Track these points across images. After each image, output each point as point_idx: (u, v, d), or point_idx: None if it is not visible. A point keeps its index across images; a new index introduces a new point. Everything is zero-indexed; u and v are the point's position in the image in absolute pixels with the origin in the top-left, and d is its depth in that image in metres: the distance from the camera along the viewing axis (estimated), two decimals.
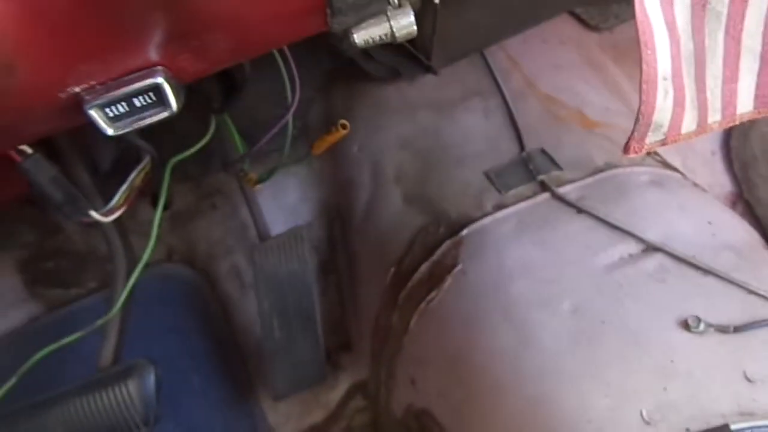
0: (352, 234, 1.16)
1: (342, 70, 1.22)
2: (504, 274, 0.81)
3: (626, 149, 0.50)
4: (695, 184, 0.95)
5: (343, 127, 0.82)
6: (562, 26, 1.24)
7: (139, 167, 0.79)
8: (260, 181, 0.99)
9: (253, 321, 1.22)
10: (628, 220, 0.81)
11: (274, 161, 1.04)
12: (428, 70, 1.12)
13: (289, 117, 0.75)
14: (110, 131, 0.42)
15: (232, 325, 1.23)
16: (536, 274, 0.79)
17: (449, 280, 0.86)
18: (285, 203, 1.27)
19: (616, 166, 0.93)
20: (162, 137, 0.81)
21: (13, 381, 0.75)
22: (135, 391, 0.83)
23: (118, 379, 0.82)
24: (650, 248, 0.77)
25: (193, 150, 0.81)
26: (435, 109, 1.11)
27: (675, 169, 0.98)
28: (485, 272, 0.83)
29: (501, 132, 1.05)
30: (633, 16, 1.32)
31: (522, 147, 1.00)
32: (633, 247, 0.78)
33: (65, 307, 1.19)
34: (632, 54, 1.40)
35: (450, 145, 1.06)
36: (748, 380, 0.63)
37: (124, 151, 0.86)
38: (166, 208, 0.95)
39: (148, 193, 0.97)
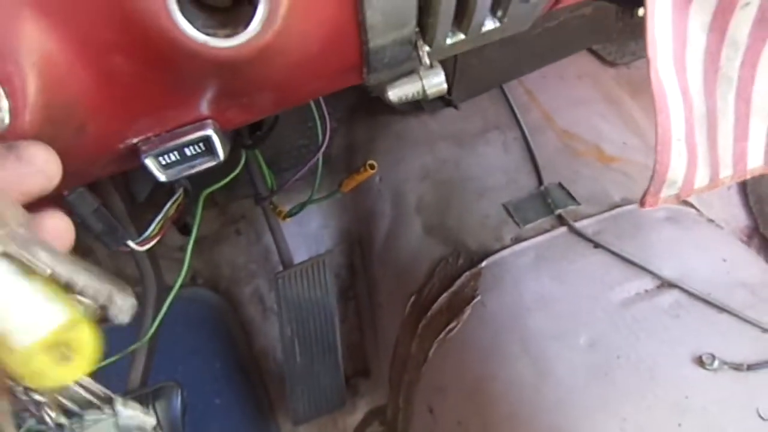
0: (373, 262, 1.19)
1: (364, 102, 1.26)
2: (522, 307, 0.83)
3: (642, 203, 0.53)
4: (710, 220, 0.97)
5: (371, 167, 0.85)
6: (580, 61, 1.27)
7: (173, 198, 0.83)
8: (290, 215, 1.03)
9: (274, 345, 1.25)
10: (644, 255, 0.83)
11: (299, 191, 1.08)
12: (449, 104, 1.16)
13: (320, 156, 0.79)
14: (162, 178, 0.45)
15: (254, 349, 1.26)
16: (554, 308, 0.81)
17: (468, 311, 0.88)
18: (307, 230, 1.30)
19: (632, 202, 0.95)
20: None
21: None
22: (162, 413, 0.87)
23: (146, 401, 0.85)
24: (666, 284, 0.79)
25: (224, 182, 0.85)
26: (456, 142, 1.15)
27: (691, 205, 1.00)
28: (504, 304, 0.85)
29: (519, 165, 1.08)
30: None
31: (540, 181, 1.03)
32: (649, 283, 0.80)
33: None
34: (648, 89, 1.42)
35: (470, 177, 1.09)
36: (761, 418, 0.64)
37: (159, 183, 0.90)
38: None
39: (177, 221, 1.00)
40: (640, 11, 0.49)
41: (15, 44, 0.30)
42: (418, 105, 1.15)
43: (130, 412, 0.33)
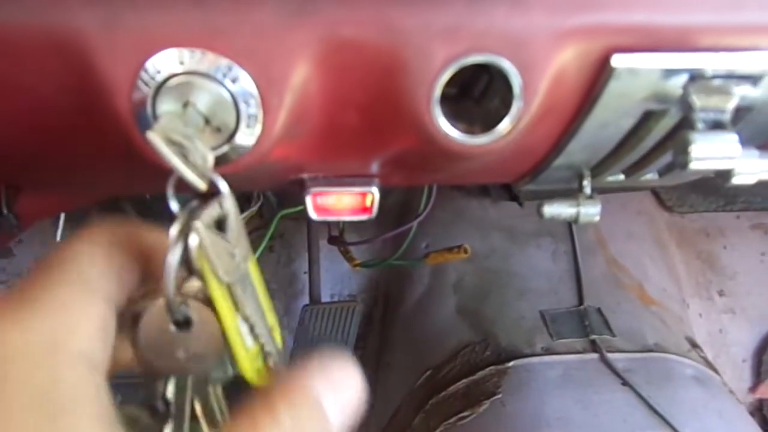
0: (395, 322, 1.20)
1: None
2: (542, 420, 0.84)
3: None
4: (731, 391, 0.99)
5: (465, 251, 0.87)
6: (642, 199, 1.31)
7: (249, 210, 0.85)
8: (365, 266, 1.03)
9: None
10: (668, 408, 0.85)
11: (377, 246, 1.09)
12: (514, 198, 1.19)
13: (414, 224, 0.81)
14: (314, 216, 0.47)
15: None
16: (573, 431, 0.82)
17: (486, 405, 0.89)
18: (338, 268, 1.31)
19: (665, 350, 0.97)
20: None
21: None
22: None
23: None
24: None
25: (301, 208, 0.86)
26: (509, 236, 1.17)
27: (716, 371, 1.02)
28: (524, 411, 0.86)
29: (564, 278, 1.11)
30: (706, 209, 1.38)
31: (581, 300, 1.05)
32: None
33: None
34: (693, 242, 1.44)
35: (514, 273, 1.11)
36: None
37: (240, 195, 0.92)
38: None
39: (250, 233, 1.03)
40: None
41: (286, 80, 0.33)
42: (485, 191, 1.18)
43: None
